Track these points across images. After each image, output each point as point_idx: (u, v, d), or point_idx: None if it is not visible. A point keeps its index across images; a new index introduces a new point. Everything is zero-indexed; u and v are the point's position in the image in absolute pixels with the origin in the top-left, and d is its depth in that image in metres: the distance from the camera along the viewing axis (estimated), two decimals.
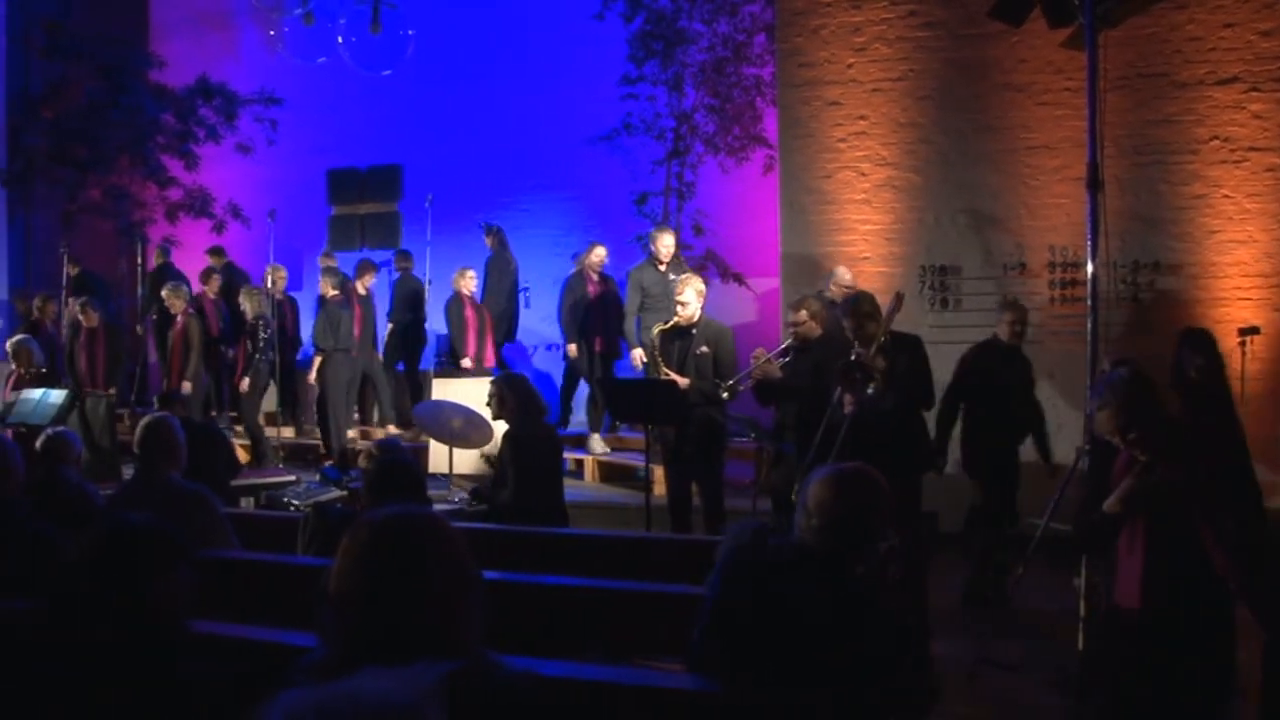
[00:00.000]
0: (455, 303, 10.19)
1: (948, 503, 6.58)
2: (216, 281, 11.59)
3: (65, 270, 12.01)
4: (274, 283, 10.91)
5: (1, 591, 3.42)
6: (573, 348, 9.77)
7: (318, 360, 10.34)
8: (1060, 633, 5.16)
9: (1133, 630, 3.66)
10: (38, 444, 5.30)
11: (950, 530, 6.68)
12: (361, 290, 10.86)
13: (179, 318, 10.39)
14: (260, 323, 10.27)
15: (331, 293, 10.48)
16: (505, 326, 10.98)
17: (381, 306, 11.45)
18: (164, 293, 10.72)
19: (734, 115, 10.66)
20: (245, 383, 10.22)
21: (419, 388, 10.82)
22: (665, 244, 8.71)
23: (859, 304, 5.86)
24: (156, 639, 2.46)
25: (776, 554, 2.88)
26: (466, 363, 10.04)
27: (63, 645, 2.45)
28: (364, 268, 11.15)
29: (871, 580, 2.87)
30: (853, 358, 5.59)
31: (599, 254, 9.83)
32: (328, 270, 10.88)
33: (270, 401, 10.91)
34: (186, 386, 10.14)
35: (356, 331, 10.54)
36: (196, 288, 11.57)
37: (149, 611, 2.49)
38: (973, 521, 6.71)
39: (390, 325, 11.21)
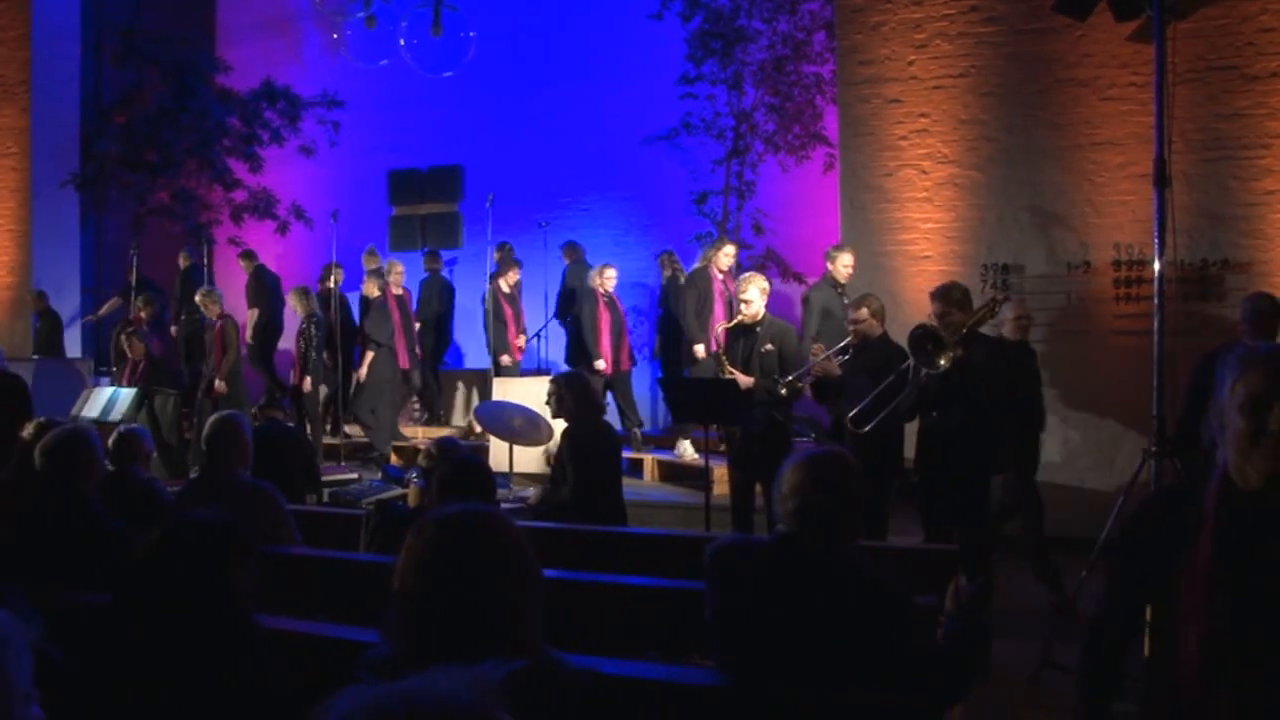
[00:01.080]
0: (590, 302, 10.01)
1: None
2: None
3: (131, 274, 12.31)
4: (335, 281, 11.07)
5: (74, 586, 3.51)
6: (699, 348, 9.15)
7: (368, 356, 10.48)
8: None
9: None
10: (109, 441, 5.41)
11: (1006, 531, 6.61)
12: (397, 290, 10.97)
13: (217, 321, 10.54)
14: (312, 322, 10.43)
15: (375, 293, 10.65)
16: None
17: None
18: (198, 297, 10.87)
19: (794, 114, 10.61)
20: (307, 382, 10.35)
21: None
22: (844, 264, 8.24)
23: (950, 291, 5.76)
24: (222, 633, 2.50)
25: (760, 549, 2.91)
26: (600, 364, 9.77)
27: (130, 638, 2.51)
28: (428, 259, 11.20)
29: (858, 557, 2.88)
30: (929, 326, 5.52)
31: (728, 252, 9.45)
32: (372, 271, 11.02)
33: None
34: (221, 386, 10.28)
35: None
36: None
37: (214, 606, 2.54)
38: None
39: (418, 325, 11.35)
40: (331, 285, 10.96)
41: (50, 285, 12.85)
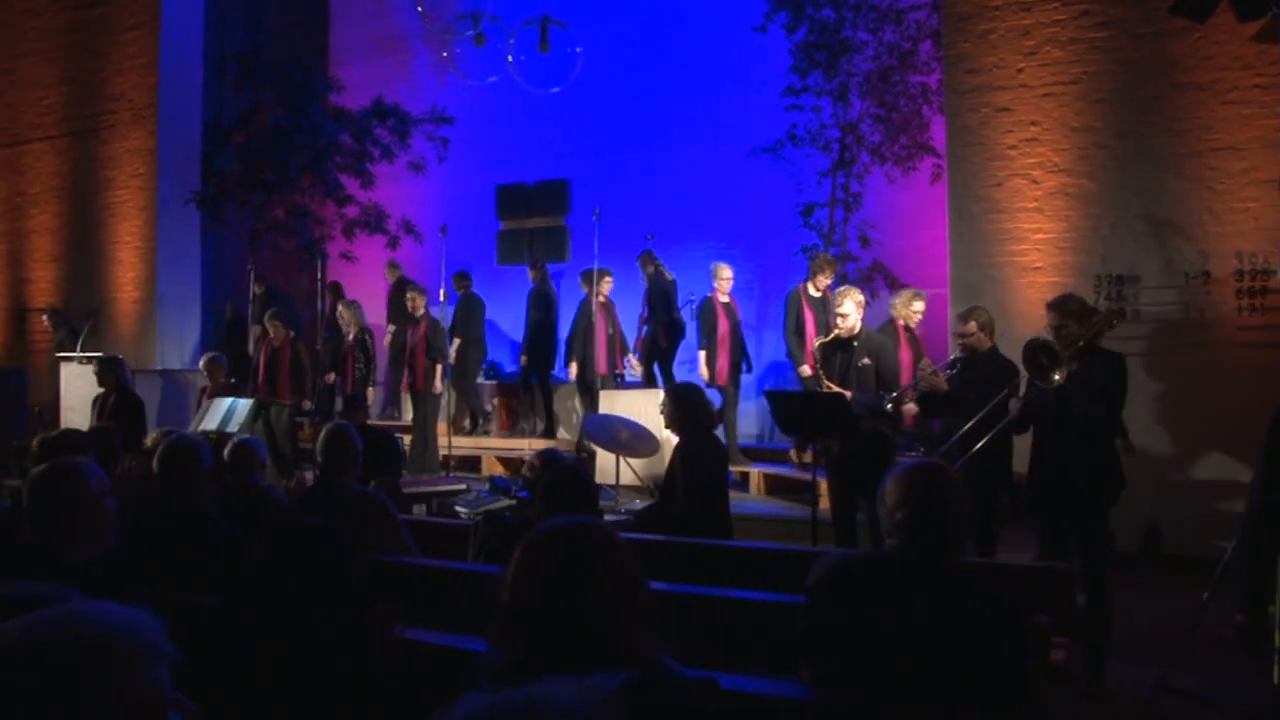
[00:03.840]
0: (708, 309, 10.12)
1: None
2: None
3: (251, 288, 12.71)
4: (414, 305, 11.25)
5: (193, 590, 3.63)
6: (805, 369, 9.13)
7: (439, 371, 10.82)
8: (1252, 664, 4.88)
9: None
10: (226, 451, 5.58)
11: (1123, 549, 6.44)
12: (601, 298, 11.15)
13: (350, 335, 10.92)
14: (366, 335, 10.67)
15: (421, 310, 10.99)
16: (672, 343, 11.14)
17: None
18: (340, 309, 11.27)
19: (901, 124, 10.50)
20: (371, 393, 10.62)
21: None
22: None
23: (1066, 303, 5.64)
24: (334, 639, 2.57)
25: (867, 563, 2.88)
26: (702, 371, 9.98)
27: (245, 642, 2.59)
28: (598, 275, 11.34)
29: (968, 572, 2.83)
30: (1043, 340, 5.41)
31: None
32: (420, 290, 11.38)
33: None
34: (371, 394, 10.62)
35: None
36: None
37: (326, 612, 2.60)
38: None
39: (457, 340, 11.56)
40: (410, 308, 11.21)
41: (172, 299, 13.33)
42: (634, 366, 10.80)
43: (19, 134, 14.76)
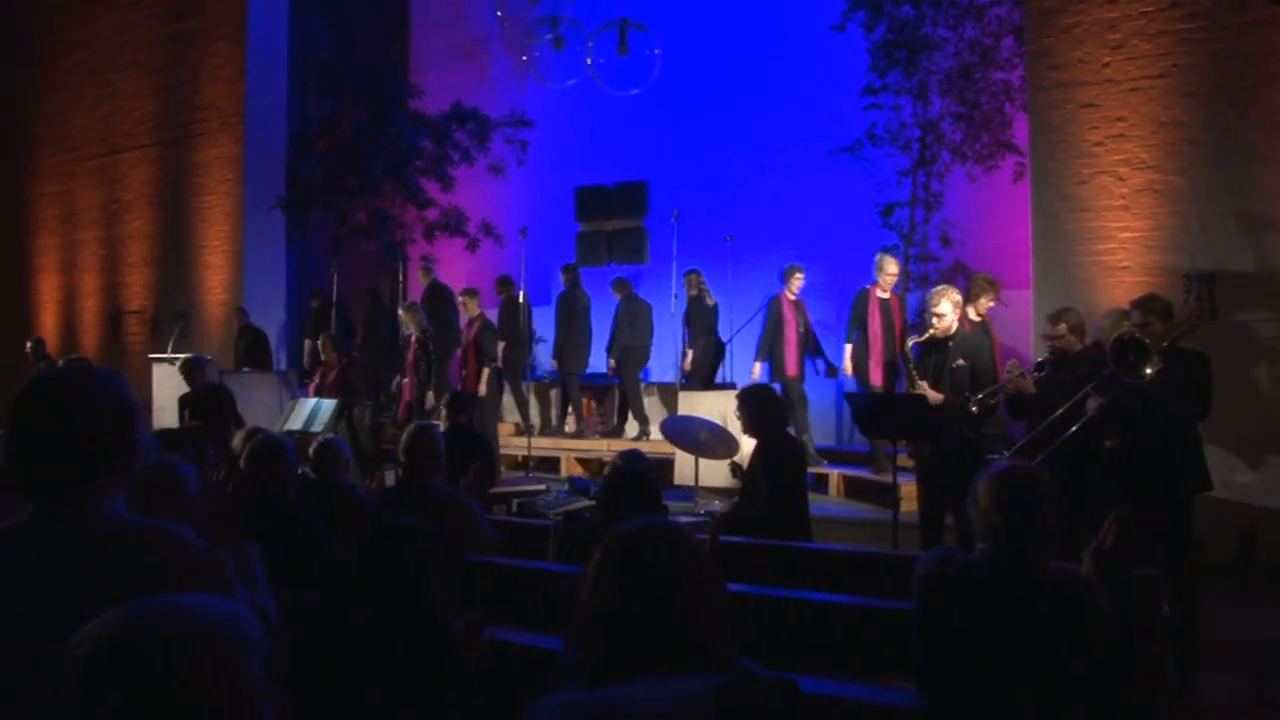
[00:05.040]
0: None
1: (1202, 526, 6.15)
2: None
3: (311, 300, 12.97)
4: (466, 307, 11.58)
5: (280, 587, 3.71)
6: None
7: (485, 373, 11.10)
8: None
9: None
10: (310, 450, 5.68)
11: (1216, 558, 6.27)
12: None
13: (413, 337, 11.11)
14: (428, 337, 10.81)
15: (475, 311, 11.38)
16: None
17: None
18: (400, 312, 11.45)
19: (982, 122, 10.35)
20: (430, 396, 10.73)
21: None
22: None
23: (1150, 302, 5.54)
24: (421, 635, 2.61)
25: (966, 568, 2.84)
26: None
27: (335, 638, 2.63)
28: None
29: (1065, 577, 2.78)
30: (1132, 334, 5.30)
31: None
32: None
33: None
34: (431, 398, 10.75)
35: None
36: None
37: (415, 609, 2.64)
38: None
39: (502, 344, 11.69)
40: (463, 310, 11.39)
41: (257, 302, 13.61)
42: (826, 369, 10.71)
43: (115, 143, 15.23)
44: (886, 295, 9.12)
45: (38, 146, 16.55)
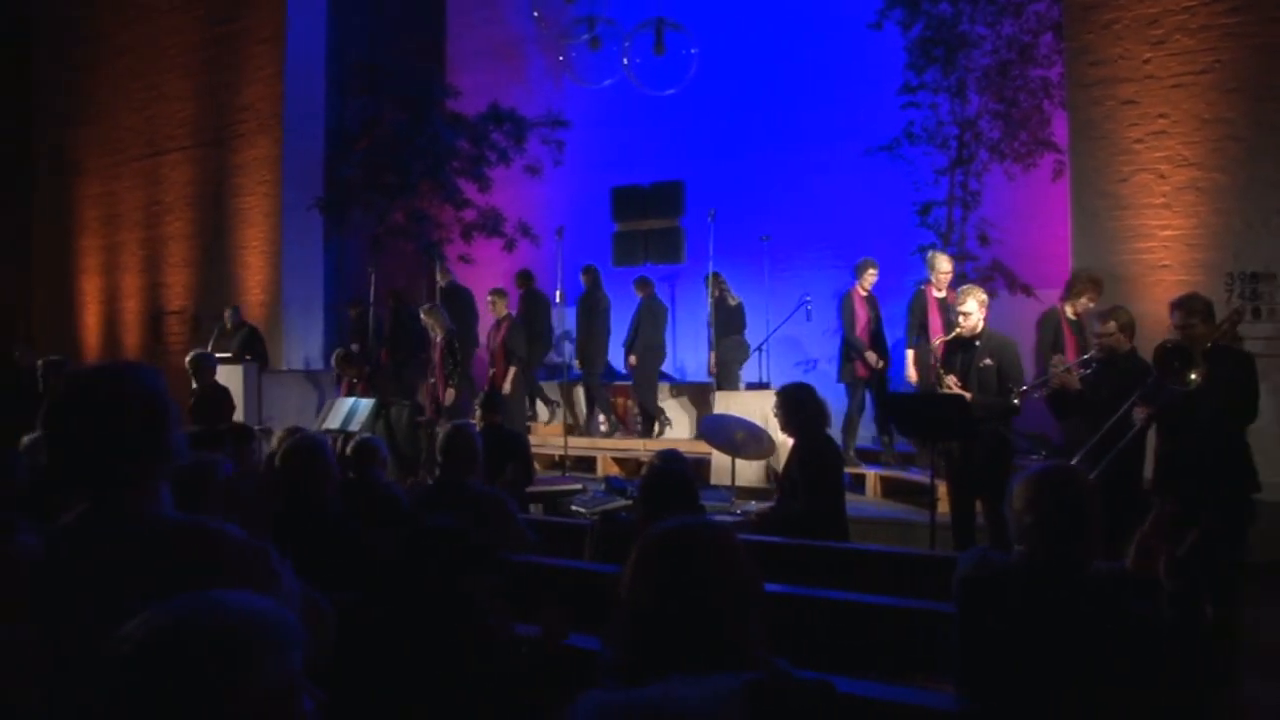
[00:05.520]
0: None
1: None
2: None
3: (349, 310, 13.08)
4: (495, 307, 11.74)
5: (318, 586, 3.73)
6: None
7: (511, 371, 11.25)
8: None
9: None
10: (348, 449, 5.71)
11: (1265, 559, 6.17)
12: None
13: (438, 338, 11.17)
14: (453, 338, 10.88)
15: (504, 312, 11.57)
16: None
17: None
18: (422, 315, 11.46)
19: (1020, 120, 10.26)
20: (449, 394, 10.78)
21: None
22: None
23: (1192, 301, 5.48)
24: (460, 634, 2.62)
25: (1005, 569, 2.82)
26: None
27: (373, 637, 2.65)
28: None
29: (1107, 579, 2.76)
30: (1176, 342, 5.25)
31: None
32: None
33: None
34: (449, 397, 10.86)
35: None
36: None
37: (454, 608, 2.66)
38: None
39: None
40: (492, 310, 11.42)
41: (296, 302, 13.75)
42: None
43: (158, 145, 15.42)
44: (943, 294, 8.95)
45: (82, 149, 16.79)
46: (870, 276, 10.05)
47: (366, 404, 10.20)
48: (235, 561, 2.08)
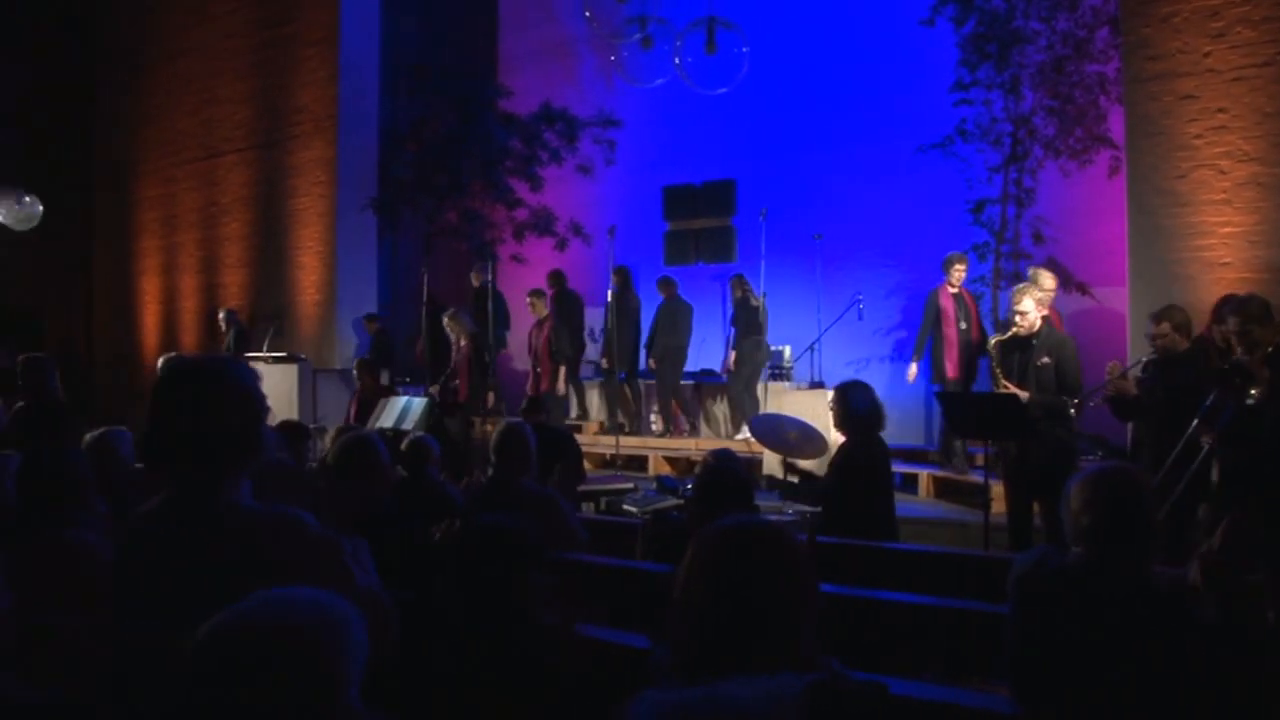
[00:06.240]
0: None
1: None
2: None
3: (425, 292, 13.15)
4: (534, 308, 12.02)
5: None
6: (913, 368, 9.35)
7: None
8: None
9: None
10: (402, 446, 5.75)
11: None
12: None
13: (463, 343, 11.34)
14: (478, 341, 11.07)
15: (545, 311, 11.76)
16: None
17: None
18: (445, 321, 11.62)
19: (1076, 116, 10.12)
20: (491, 398, 10.86)
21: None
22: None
23: (1249, 305, 5.39)
24: (514, 633, 2.63)
25: (1061, 571, 2.78)
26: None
27: (429, 635, 2.67)
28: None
29: (1167, 583, 2.71)
30: (1233, 360, 5.17)
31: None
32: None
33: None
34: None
35: None
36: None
37: (508, 607, 2.67)
38: None
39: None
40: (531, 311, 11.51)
41: (349, 302, 13.88)
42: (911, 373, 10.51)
43: (214, 147, 15.64)
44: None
45: (141, 152, 17.06)
46: (958, 272, 9.82)
47: (419, 402, 10.28)
48: (312, 552, 2.14)
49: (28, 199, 13.52)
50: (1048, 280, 8.77)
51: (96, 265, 18.01)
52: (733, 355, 11.43)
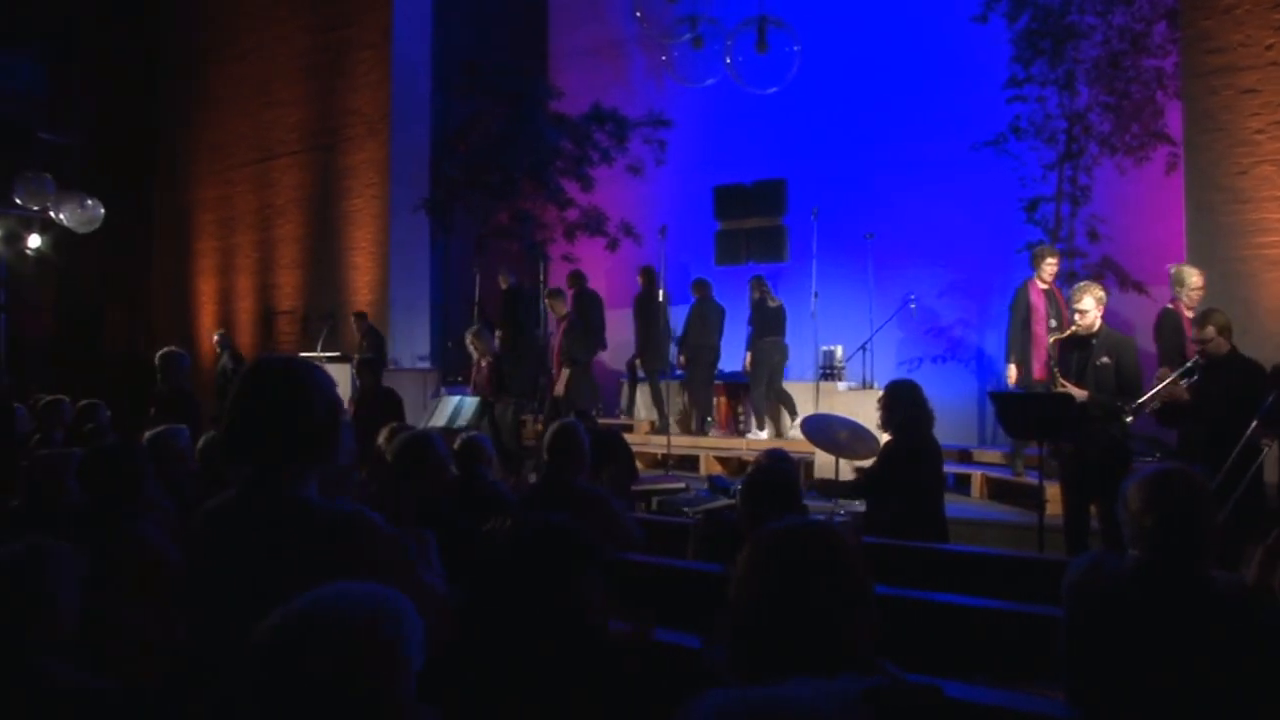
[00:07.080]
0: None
1: None
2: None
3: (477, 292, 13.27)
4: (553, 308, 11.91)
5: None
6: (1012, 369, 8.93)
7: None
8: None
9: None
10: (455, 446, 5.79)
11: None
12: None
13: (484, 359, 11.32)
14: (498, 362, 11.09)
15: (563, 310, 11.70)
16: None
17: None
18: (467, 339, 11.51)
19: (1132, 112, 9.98)
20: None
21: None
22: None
23: None
24: (570, 634, 2.65)
25: (1117, 574, 2.74)
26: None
27: (483, 636, 2.69)
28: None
29: (1227, 586, 2.67)
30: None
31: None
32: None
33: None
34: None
35: None
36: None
37: (564, 607, 2.69)
38: None
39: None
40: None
41: (402, 301, 14.01)
42: None
43: (269, 150, 15.87)
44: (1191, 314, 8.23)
45: (199, 155, 17.34)
46: (1050, 266, 8.89)
47: (471, 401, 10.36)
48: (379, 549, 2.19)
49: (89, 201, 13.78)
50: (1196, 278, 7.90)
51: (155, 266, 18.32)
52: (749, 356, 11.53)
